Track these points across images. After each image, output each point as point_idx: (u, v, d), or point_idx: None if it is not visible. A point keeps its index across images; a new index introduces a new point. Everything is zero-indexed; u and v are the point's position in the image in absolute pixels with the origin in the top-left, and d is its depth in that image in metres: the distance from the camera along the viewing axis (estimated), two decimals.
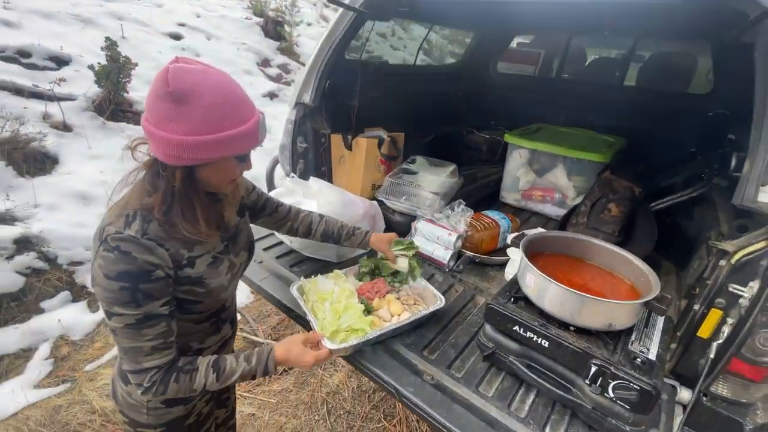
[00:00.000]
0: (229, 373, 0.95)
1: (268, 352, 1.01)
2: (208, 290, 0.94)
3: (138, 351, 0.85)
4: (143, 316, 0.83)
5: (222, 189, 0.94)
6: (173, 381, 0.89)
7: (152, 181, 0.86)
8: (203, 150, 0.79)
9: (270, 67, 6.41)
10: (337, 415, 2.18)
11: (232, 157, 0.86)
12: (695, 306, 1.29)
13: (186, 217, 0.87)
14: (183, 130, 0.77)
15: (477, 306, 1.58)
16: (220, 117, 0.79)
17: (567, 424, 1.09)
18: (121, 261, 0.79)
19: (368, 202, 1.88)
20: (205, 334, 1.05)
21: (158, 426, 1.04)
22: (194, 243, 0.91)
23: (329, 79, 1.94)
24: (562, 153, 2.25)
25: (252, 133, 0.85)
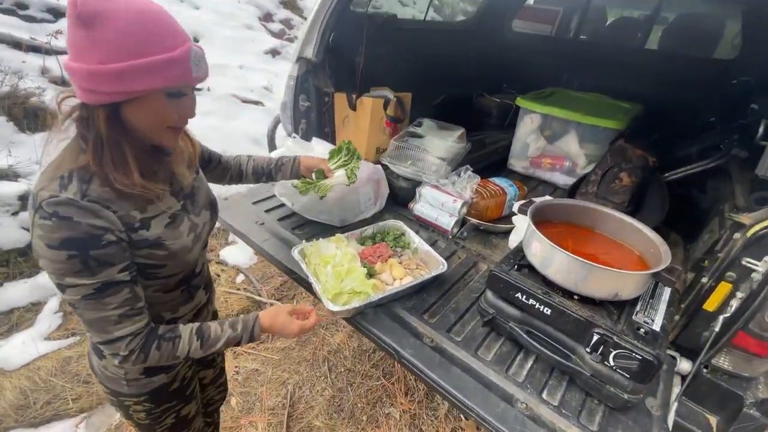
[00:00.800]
0: (214, 339, 0.92)
1: (254, 319, 0.98)
2: (170, 253, 0.87)
3: (105, 321, 0.79)
4: (101, 285, 0.76)
5: (159, 137, 0.82)
6: (155, 348, 0.85)
7: (81, 133, 0.76)
8: (121, 80, 0.70)
9: (272, 22, 6.14)
10: (337, 372, 2.25)
11: (161, 93, 0.76)
12: (703, 279, 1.27)
13: (117, 167, 0.77)
14: (97, 58, 0.68)
15: (479, 273, 1.57)
16: (140, 41, 0.70)
17: (564, 390, 1.10)
18: (61, 227, 0.71)
19: (372, 166, 1.82)
20: (177, 302, 0.99)
21: (141, 395, 1.01)
22: (145, 203, 0.83)
23: (333, 32, 1.83)
24: (576, 119, 2.15)
25: (181, 62, 0.74)
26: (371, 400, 2.11)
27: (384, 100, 1.98)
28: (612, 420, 1.03)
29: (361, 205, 1.76)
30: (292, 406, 2.06)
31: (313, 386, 2.17)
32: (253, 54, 5.44)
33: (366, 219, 1.79)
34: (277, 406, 2.05)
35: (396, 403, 2.10)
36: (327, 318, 2.55)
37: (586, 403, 1.07)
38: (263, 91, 4.84)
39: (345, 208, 1.69)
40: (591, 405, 1.07)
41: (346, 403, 2.09)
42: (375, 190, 1.81)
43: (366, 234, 1.61)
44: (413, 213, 1.85)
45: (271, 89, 4.93)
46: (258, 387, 2.13)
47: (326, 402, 2.08)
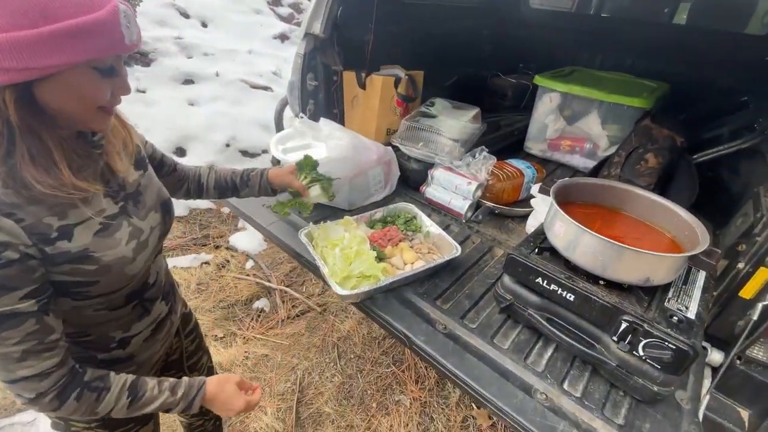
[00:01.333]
0: (147, 400, 0.77)
1: (198, 387, 0.82)
2: (101, 266, 0.71)
3: (5, 358, 0.63)
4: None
5: (87, 121, 0.66)
6: (74, 399, 0.69)
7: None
8: (34, 52, 0.54)
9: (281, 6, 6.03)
10: (347, 358, 2.21)
11: (86, 67, 0.60)
12: (739, 264, 1.17)
13: (37, 163, 0.61)
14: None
15: (494, 258, 1.50)
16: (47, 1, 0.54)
17: (587, 381, 1.03)
18: None
19: (382, 148, 1.75)
20: (129, 319, 0.84)
21: (92, 422, 0.87)
22: (66, 207, 0.67)
23: (341, 7, 1.74)
24: (599, 97, 2.03)
25: (110, 27, 0.58)
26: (381, 387, 2.08)
27: (395, 79, 1.89)
28: (639, 413, 0.97)
29: (371, 188, 1.70)
30: (302, 392, 2.03)
31: (323, 372, 2.14)
32: (261, 39, 5.36)
33: (376, 202, 1.73)
34: (286, 392, 2.03)
35: (406, 390, 2.06)
36: (336, 304, 2.52)
37: (611, 395, 1.01)
38: (272, 76, 4.77)
39: (354, 190, 1.63)
40: (616, 397, 1.01)
41: (355, 389, 2.06)
42: (385, 172, 1.74)
43: (376, 217, 1.54)
44: (425, 196, 1.77)
45: (280, 74, 4.85)
46: (267, 372, 2.12)
47: (336, 388, 2.06)
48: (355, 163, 1.59)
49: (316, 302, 2.54)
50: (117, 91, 0.67)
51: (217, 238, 2.98)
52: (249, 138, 3.81)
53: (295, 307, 2.50)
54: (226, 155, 3.61)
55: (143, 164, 0.87)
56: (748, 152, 1.77)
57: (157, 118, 3.53)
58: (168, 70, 4.07)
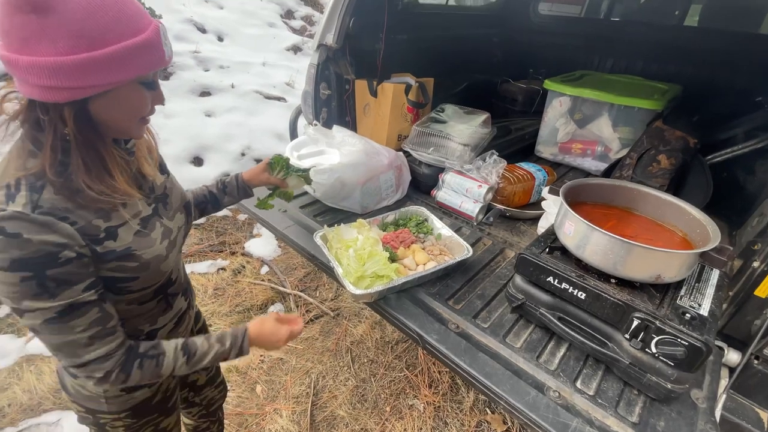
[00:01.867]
0: (201, 355, 0.84)
1: (242, 331, 0.91)
2: (142, 264, 0.78)
3: (73, 345, 0.69)
4: (63, 308, 0.66)
5: (131, 131, 0.73)
6: (137, 367, 0.76)
7: (32, 136, 0.65)
8: (92, 73, 0.60)
9: (294, 19, 6.19)
10: (360, 363, 2.23)
11: (135, 81, 0.67)
12: (754, 263, 1.17)
13: (92, 173, 0.67)
14: (56, 48, 0.58)
15: (506, 260, 1.51)
16: (105, 25, 0.60)
17: (600, 379, 1.03)
18: (10, 246, 0.61)
19: (393, 153, 1.79)
20: (155, 313, 0.90)
21: (122, 411, 0.93)
22: (110, 210, 0.72)
23: (353, 18, 1.80)
24: (609, 100, 2.04)
25: (154, 46, 0.66)
26: (394, 391, 2.09)
27: (405, 86, 1.94)
28: (654, 411, 0.96)
29: (383, 192, 1.73)
30: (316, 395, 2.06)
31: (337, 376, 2.16)
32: (275, 51, 5.50)
33: (388, 206, 1.76)
34: (301, 395, 2.05)
35: (420, 394, 2.07)
36: (350, 308, 2.55)
37: (625, 393, 1.01)
38: (285, 87, 4.88)
39: (366, 194, 1.67)
40: (630, 395, 1.01)
41: (369, 393, 2.07)
42: (396, 176, 1.78)
43: (388, 220, 1.58)
44: (436, 200, 1.80)
45: (293, 85, 4.97)
46: (282, 375, 2.15)
47: (349, 392, 2.07)
48: (367, 168, 1.63)
49: (330, 307, 2.57)
50: (155, 102, 0.74)
51: (233, 245, 3.05)
52: (263, 147, 3.91)
53: (309, 312, 2.53)
54: (241, 164, 3.70)
55: (165, 169, 0.95)
56: (764, 152, 1.75)
57: (176, 129, 3.65)
58: (186, 83, 4.21)
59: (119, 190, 0.71)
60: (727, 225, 1.74)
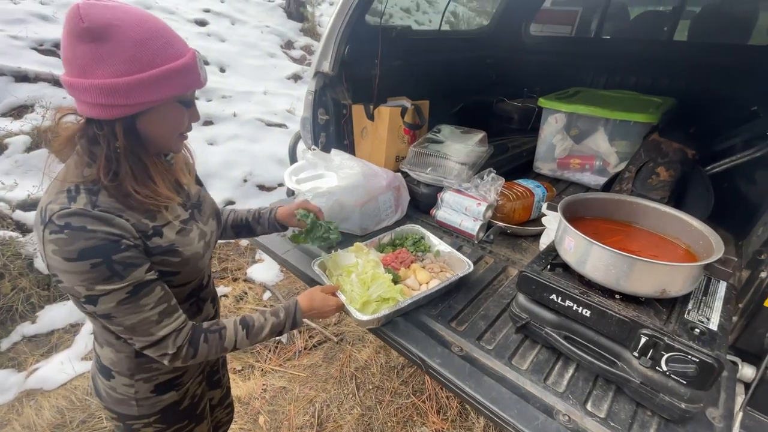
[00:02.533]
0: (258, 328, 0.93)
1: (294, 304, 1.00)
2: (183, 259, 0.86)
3: (146, 323, 0.78)
4: (134, 286, 0.75)
5: (171, 144, 0.84)
6: (203, 342, 0.85)
7: (88, 149, 0.75)
8: (141, 91, 0.71)
9: (293, 49, 6.37)
10: (366, 389, 2.17)
11: (175, 100, 0.78)
12: (762, 273, 1.14)
13: (139, 179, 0.78)
14: (112, 71, 0.68)
15: (509, 278, 1.49)
16: (152, 51, 0.71)
17: (611, 401, 0.99)
18: (76, 238, 0.69)
19: (392, 174, 1.80)
20: (189, 315, 0.96)
21: (152, 415, 0.97)
22: (155, 212, 0.82)
23: (348, 45, 1.85)
24: (604, 115, 2.06)
25: (192, 69, 0.77)
26: (401, 418, 2.02)
27: (401, 109, 1.97)
28: None
29: (382, 213, 1.73)
30: (320, 425, 1.99)
31: (341, 404, 2.10)
32: (276, 80, 5.64)
33: (388, 226, 1.76)
34: (305, 425, 1.99)
35: (428, 421, 2.00)
36: (353, 333, 2.50)
37: (638, 415, 0.96)
38: (286, 114, 4.98)
39: (365, 216, 1.66)
40: (643, 417, 0.96)
41: (375, 422, 2.01)
42: (395, 197, 1.78)
43: (384, 241, 1.57)
44: (436, 219, 1.79)
45: (294, 112, 5.07)
46: (285, 405, 2.09)
47: (355, 420, 2.01)
48: (366, 190, 1.63)
49: (333, 332, 2.53)
50: (191, 119, 0.85)
51: (236, 271, 3.04)
52: (266, 173, 3.95)
53: (312, 338, 2.49)
54: (243, 190, 3.73)
55: (199, 181, 1.07)
56: (764, 161, 1.74)
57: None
58: None
59: (162, 195, 0.81)
60: (733, 236, 1.71)
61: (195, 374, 1.06)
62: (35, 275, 2.53)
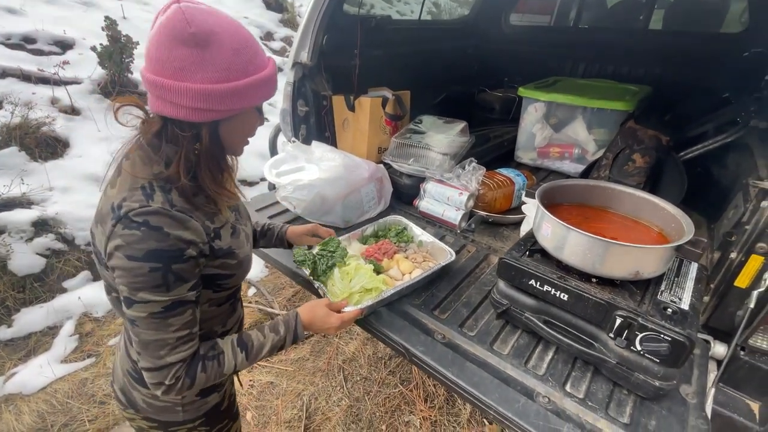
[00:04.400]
0: (258, 347, 0.88)
1: (294, 318, 0.96)
2: (239, 261, 0.87)
3: (161, 344, 0.75)
4: (171, 303, 0.73)
5: (237, 149, 0.85)
6: (200, 371, 0.80)
7: (157, 146, 0.75)
8: (233, 99, 0.72)
9: (273, 41, 6.26)
10: (353, 381, 2.18)
11: (254, 107, 0.79)
12: (732, 254, 1.18)
13: (216, 179, 0.79)
14: (210, 77, 0.69)
15: (490, 266, 1.50)
16: (246, 60, 0.72)
17: (589, 381, 1.02)
18: (150, 238, 0.69)
19: (374, 165, 1.79)
20: (226, 316, 0.97)
21: (197, 419, 0.96)
22: (212, 214, 0.82)
23: (326, 35, 1.83)
24: (582, 104, 2.09)
25: (274, 79, 0.79)
26: (389, 408, 2.04)
27: (382, 99, 1.96)
28: (644, 410, 0.95)
29: (365, 204, 1.73)
30: (309, 418, 2.00)
31: (329, 397, 2.11)
32: None
33: (371, 218, 1.75)
34: (293, 419, 1.99)
35: (415, 410, 2.02)
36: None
37: (615, 394, 0.99)
38: (267, 107, 4.90)
39: (348, 208, 1.66)
40: (620, 395, 0.99)
41: (363, 412, 2.02)
42: (378, 189, 1.78)
43: (367, 233, 1.57)
44: (419, 210, 1.80)
45: (275, 105, 4.99)
46: (273, 400, 2.08)
47: (343, 412, 2.02)
48: (347, 182, 1.63)
49: None
50: (258, 126, 0.86)
51: None
52: (247, 167, 3.89)
53: None
54: None
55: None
56: (735, 146, 1.79)
57: None
58: None
59: (234, 195, 0.84)
60: (705, 219, 1.76)
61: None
62: (9, 277, 2.44)
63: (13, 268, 2.48)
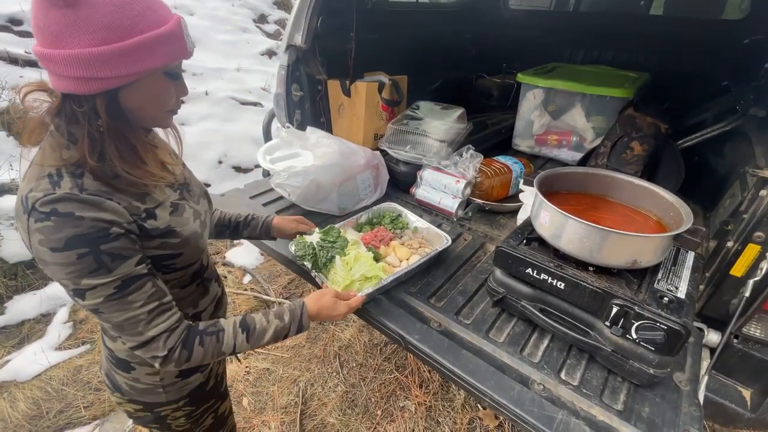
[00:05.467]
0: (261, 331, 0.86)
1: (300, 307, 0.93)
2: (183, 239, 0.81)
3: (135, 321, 0.72)
4: (122, 281, 0.70)
5: (158, 121, 0.78)
6: (198, 344, 0.78)
7: (66, 129, 0.68)
8: (122, 62, 0.64)
9: (267, 24, 6.11)
10: (349, 367, 2.20)
11: (160, 72, 0.71)
12: (728, 243, 1.18)
13: (126, 159, 0.71)
14: (89, 40, 0.61)
15: (487, 254, 1.50)
16: (133, 17, 0.64)
17: (584, 369, 1.03)
18: (64, 225, 0.64)
19: (370, 152, 1.76)
20: (196, 296, 0.94)
21: (180, 399, 0.95)
22: (143, 195, 0.76)
23: (321, 17, 1.77)
24: (581, 90, 2.06)
25: (177, 36, 0.69)
26: (385, 394, 2.06)
27: (378, 84, 1.92)
28: (638, 397, 0.96)
29: (361, 192, 1.71)
30: (305, 404, 2.01)
31: (325, 383, 2.12)
32: (249, 56, 5.42)
33: (367, 206, 1.73)
34: (289, 405, 2.00)
35: (411, 395, 2.04)
36: None
37: (609, 381, 1.00)
38: (261, 92, 4.81)
39: (344, 195, 1.64)
40: (614, 383, 1.00)
41: (359, 398, 2.04)
42: (374, 176, 1.76)
43: (362, 220, 1.55)
44: (415, 197, 1.78)
45: (269, 90, 4.90)
46: (269, 386, 2.09)
47: (339, 398, 2.04)
48: (343, 169, 1.60)
49: None
50: (179, 93, 0.78)
51: (214, 255, 2.98)
52: (241, 154, 3.83)
53: None
54: (219, 172, 3.62)
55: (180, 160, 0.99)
56: (733, 134, 1.78)
57: None
58: None
59: (153, 175, 0.75)
60: (702, 208, 1.76)
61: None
62: (0, 264, 2.41)
63: (4, 255, 2.45)
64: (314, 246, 1.25)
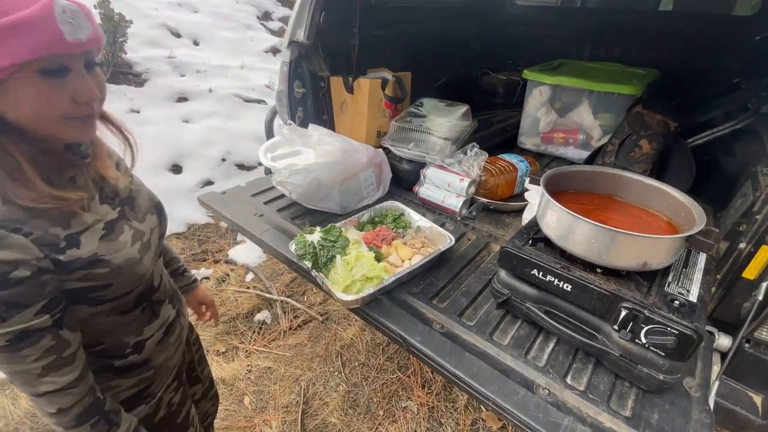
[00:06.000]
0: None
1: None
2: (113, 269, 0.71)
3: (25, 376, 0.64)
4: (14, 336, 0.60)
5: (55, 131, 0.62)
6: (90, 425, 0.70)
7: None
8: None
9: (271, 21, 6.10)
10: (351, 367, 2.18)
11: (31, 71, 0.56)
12: (740, 245, 1.14)
13: (13, 178, 0.59)
14: None
15: (491, 254, 1.47)
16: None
17: (591, 373, 1.00)
18: None
19: (372, 150, 1.74)
20: (140, 323, 0.83)
21: None
22: (67, 216, 0.66)
23: (324, 12, 1.75)
24: (588, 87, 2.02)
25: (43, 23, 0.53)
26: (387, 393, 2.04)
27: (382, 81, 1.89)
28: (646, 404, 0.93)
29: (363, 190, 1.68)
30: (306, 403, 2.00)
31: (327, 382, 2.11)
32: (253, 54, 5.41)
33: (370, 205, 1.71)
34: (291, 404, 1.99)
35: (413, 396, 2.02)
36: (338, 312, 2.49)
37: (617, 387, 0.97)
38: (265, 90, 4.80)
39: (346, 194, 1.61)
40: (622, 388, 0.97)
41: (361, 398, 2.02)
42: (377, 174, 1.73)
43: (363, 219, 1.53)
44: (419, 196, 1.76)
45: (273, 87, 4.88)
46: (271, 385, 2.08)
47: (341, 398, 2.02)
48: (345, 167, 1.58)
49: (318, 311, 2.51)
50: (79, 98, 0.61)
51: (217, 253, 2.97)
52: (244, 151, 3.82)
53: (297, 318, 2.47)
54: (221, 170, 3.61)
55: (129, 172, 0.88)
56: (744, 133, 1.74)
57: (152, 137, 3.54)
58: (161, 90, 4.10)
59: (45, 196, 0.62)
60: (712, 207, 1.72)
61: (166, 381, 0.93)
62: None
63: None
64: (315, 245, 1.23)
